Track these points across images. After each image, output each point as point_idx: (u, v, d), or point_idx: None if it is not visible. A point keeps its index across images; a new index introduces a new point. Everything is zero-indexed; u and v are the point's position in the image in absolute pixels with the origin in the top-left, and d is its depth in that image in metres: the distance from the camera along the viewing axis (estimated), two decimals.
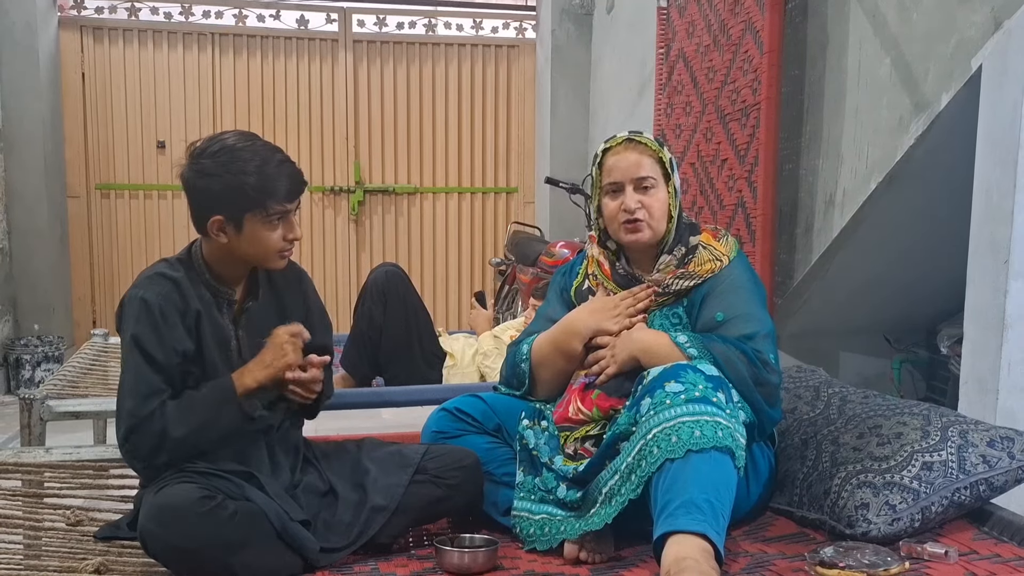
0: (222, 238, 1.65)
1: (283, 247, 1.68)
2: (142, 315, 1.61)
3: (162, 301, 1.62)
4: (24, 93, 5.10)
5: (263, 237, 1.65)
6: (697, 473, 1.49)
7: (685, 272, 1.80)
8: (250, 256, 1.68)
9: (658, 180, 1.80)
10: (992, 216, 2.21)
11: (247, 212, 1.62)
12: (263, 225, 1.64)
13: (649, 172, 1.79)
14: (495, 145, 6.15)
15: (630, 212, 1.78)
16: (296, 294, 1.82)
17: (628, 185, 1.79)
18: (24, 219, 5.18)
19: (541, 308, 2.02)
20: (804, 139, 3.10)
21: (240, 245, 1.66)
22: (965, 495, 1.67)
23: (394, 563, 1.64)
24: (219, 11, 5.72)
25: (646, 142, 1.81)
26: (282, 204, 1.64)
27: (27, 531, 1.80)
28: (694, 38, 3.53)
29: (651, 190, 1.79)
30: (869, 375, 3.45)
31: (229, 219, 1.63)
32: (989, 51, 2.23)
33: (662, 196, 1.80)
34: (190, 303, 1.65)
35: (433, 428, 1.92)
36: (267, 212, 1.63)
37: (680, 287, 1.80)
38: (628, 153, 1.80)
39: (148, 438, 1.59)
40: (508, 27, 6.14)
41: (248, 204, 1.62)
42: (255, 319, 1.74)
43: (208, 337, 1.67)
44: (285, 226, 1.67)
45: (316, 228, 5.94)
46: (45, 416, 2.45)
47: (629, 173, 1.79)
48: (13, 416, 4.16)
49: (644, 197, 1.79)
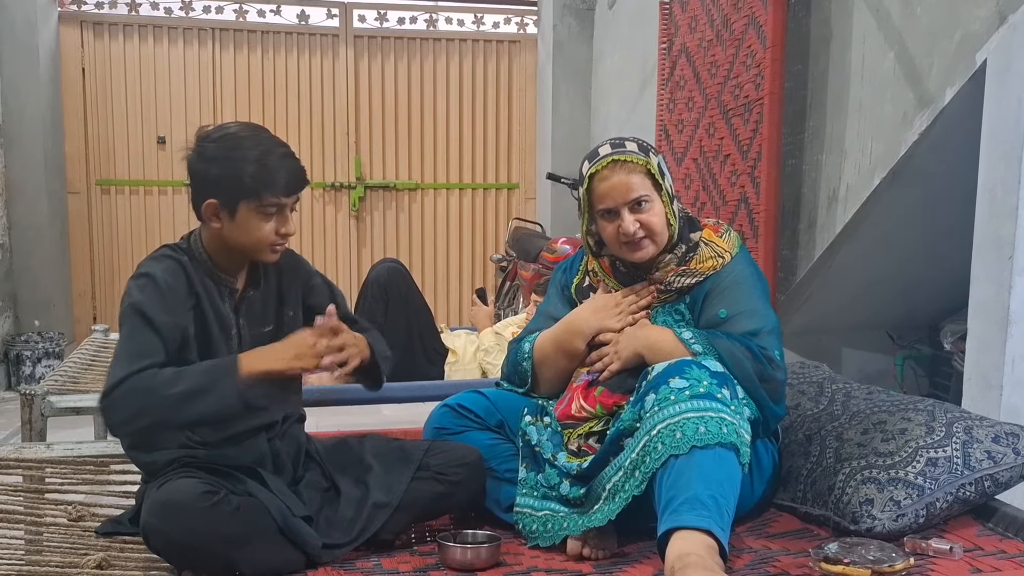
0: (215, 223, 1.64)
1: (274, 240, 1.66)
2: (147, 287, 1.60)
3: (168, 277, 1.62)
4: (24, 89, 5.09)
5: (255, 227, 1.63)
6: (701, 469, 1.48)
7: (687, 270, 1.79)
8: (241, 245, 1.66)
9: (651, 194, 1.75)
10: (996, 212, 2.20)
11: (242, 200, 1.61)
12: (256, 215, 1.62)
13: (641, 191, 1.74)
14: (496, 141, 6.13)
15: (629, 235, 1.75)
16: (294, 280, 1.80)
17: (623, 209, 1.74)
18: (24, 215, 5.18)
19: (542, 305, 2.01)
20: (807, 134, 3.09)
21: (232, 233, 1.64)
22: (970, 491, 1.67)
23: (396, 559, 1.64)
24: (219, 6, 5.71)
25: (631, 158, 1.74)
26: (278, 197, 1.63)
27: (28, 527, 1.79)
28: (696, 33, 3.52)
29: (647, 205, 1.75)
30: (872, 371, 3.45)
31: (223, 204, 1.62)
32: (994, 46, 2.22)
33: (659, 209, 1.76)
34: (194, 285, 1.65)
35: (435, 424, 1.91)
36: (261, 202, 1.61)
37: (682, 284, 1.79)
38: (616, 176, 1.74)
39: (134, 396, 1.51)
40: (509, 22, 6.12)
41: (243, 192, 1.61)
42: (256, 307, 1.74)
43: (210, 322, 1.66)
44: (279, 220, 1.65)
45: (317, 224, 5.93)
46: (46, 412, 2.46)
47: (622, 197, 1.74)
48: (14, 412, 4.16)
49: (641, 216, 1.75)
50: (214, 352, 1.65)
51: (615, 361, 1.77)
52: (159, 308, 1.58)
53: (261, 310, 1.74)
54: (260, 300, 1.75)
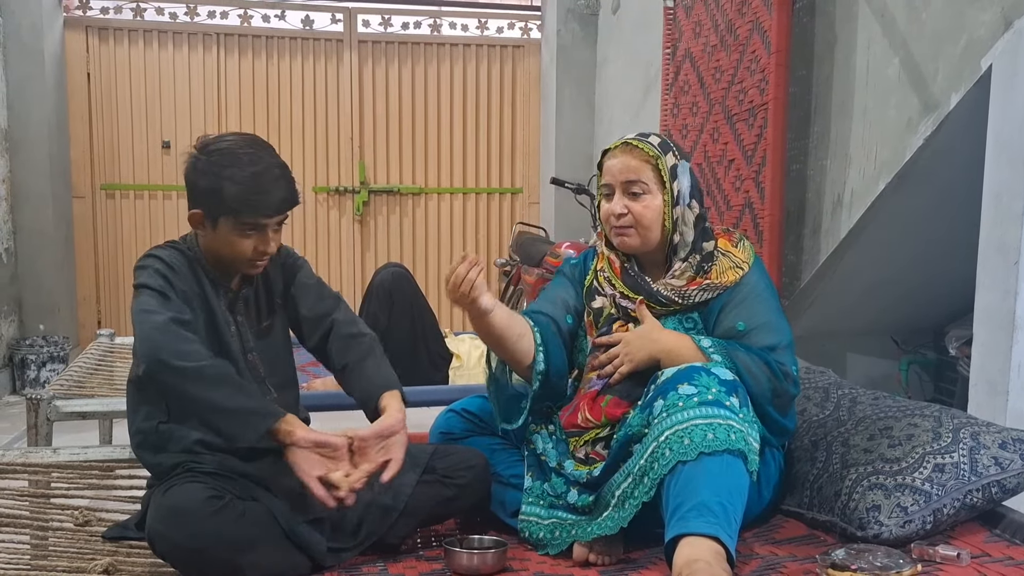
0: (200, 231, 1.70)
1: (252, 257, 1.69)
2: (158, 267, 1.63)
3: (175, 260, 1.66)
4: (29, 93, 5.11)
5: (234, 242, 1.66)
6: (709, 476, 1.48)
7: (709, 284, 1.75)
8: (223, 256, 1.69)
9: (651, 186, 1.75)
10: (1002, 217, 2.20)
11: (221, 215, 1.65)
12: (235, 231, 1.65)
13: (639, 178, 1.74)
14: (500, 145, 6.14)
15: (616, 216, 1.76)
16: (279, 277, 1.82)
17: (618, 188, 1.77)
18: (29, 219, 5.19)
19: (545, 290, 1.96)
20: (812, 139, 3.09)
21: (214, 244, 1.69)
22: (977, 497, 1.66)
23: (402, 564, 1.64)
24: (224, 11, 5.72)
25: (643, 147, 1.76)
26: (255, 218, 1.64)
27: (34, 531, 1.79)
28: (701, 38, 3.52)
29: (642, 196, 1.75)
30: (876, 376, 3.44)
31: (207, 216, 1.66)
32: (999, 51, 2.22)
33: (655, 204, 1.75)
34: (197, 274, 1.69)
35: (440, 429, 1.91)
36: (239, 220, 1.64)
37: (703, 299, 1.76)
38: (622, 157, 1.77)
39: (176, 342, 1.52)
40: (513, 27, 6.13)
41: (223, 208, 1.64)
42: (251, 305, 1.77)
43: (208, 314, 1.69)
44: (259, 238, 1.67)
45: (320, 228, 5.94)
46: (52, 416, 2.45)
47: (619, 176, 1.76)
48: (18, 416, 4.17)
49: (633, 203, 1.75)
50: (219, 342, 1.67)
51: (626, 363, 1.73)
52: (172, 278, 1.63)
53: (256, 307, 1.78)
54: (254, 297, 1.78)
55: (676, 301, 1.77)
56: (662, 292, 1.77)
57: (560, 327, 1.84)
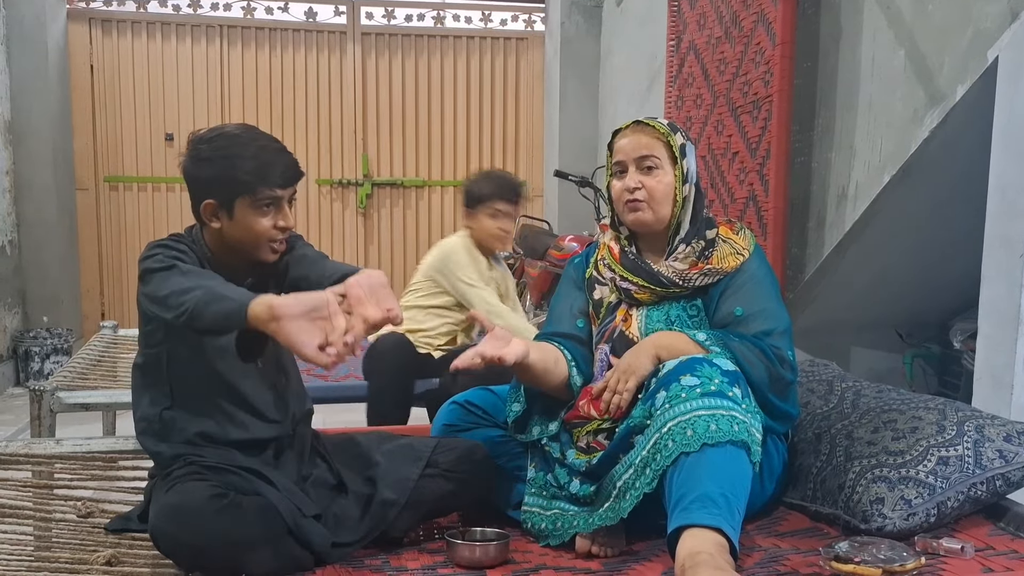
0: (215, 223, 1.66)
1: (273, 235, 1.67)
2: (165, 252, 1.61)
3: (182, 248, 1.65)
4: (33, 86, 5.11)
5: (253, 223, 1.64)
6: (712, 467, 1.47)
7: (711, 269, 1.77)
8: (242, 244, 1.67)
9: (663, 162, 1.78)
10: (1007, 210, 2.19)
11: (238, 196, 1.63)
12: (253, 211, 1.64)
13: (652, 152, 1.78)
14: (503, 138, 6.13)
15: (630, 191, 1.78)
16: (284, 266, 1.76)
17: (631, 165, 1.80)
18: (33, 211, 5.19)
19: (554, 302, 1.98)
20: (816, 132, 3.08)
21: (232, 232, 1.66)
22: (981, 490, 1.66)
23: (405, 557, 1.63)
24: (227, 3, 5.72)
25: (655, 125, 1.81)
26: (272, 190, 1.64)
27: (38, 523, 1.79)
28: (705, 30, 3.51)
29: (655, 171, 1.78)
30: (880, 370, 3.43)
31: (221, 204, 1.64)
32: (1005, 43, 2.21)
33: (667, 180, 1.78)
34: (203, 267, 1.67)
35: (444, 421, 1.90)
36: (256, 197, 1.63)
37: (704, 283, 1.78)
38: (633, 135, 1.81)
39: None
40: (517, 19, 6.12)
41: (239, 188, 1.62)
42: None
43: None
44: (276, 214, 1.66)
45: (324, 221, 5.94)
46: (55, 408, 2.46)
47: (632, 153, 1.79)
48: (22, 408, 4.18)
49: (646, 178, 1.78)
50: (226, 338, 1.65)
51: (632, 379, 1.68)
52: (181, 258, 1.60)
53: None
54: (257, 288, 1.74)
55: (677, 283, 1.78)
56: (663, 273, 1.78)
57: (579, 338, 1.89)
